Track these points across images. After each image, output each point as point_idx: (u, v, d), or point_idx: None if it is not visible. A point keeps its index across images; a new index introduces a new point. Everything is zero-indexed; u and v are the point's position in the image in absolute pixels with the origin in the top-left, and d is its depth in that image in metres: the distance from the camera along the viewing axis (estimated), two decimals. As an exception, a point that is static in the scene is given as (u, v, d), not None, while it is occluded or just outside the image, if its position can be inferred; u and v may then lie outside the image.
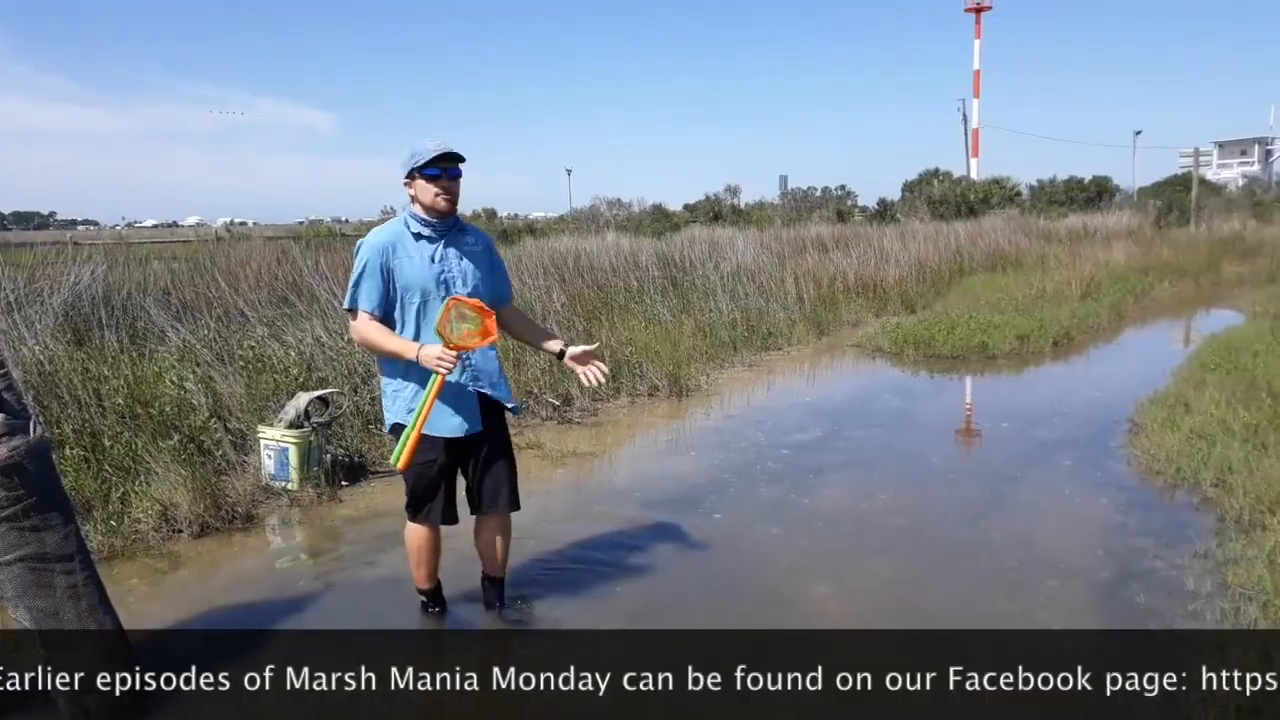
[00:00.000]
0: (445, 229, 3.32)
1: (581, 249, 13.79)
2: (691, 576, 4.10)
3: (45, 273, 8.06)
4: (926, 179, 36.40)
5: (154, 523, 4.53)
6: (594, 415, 7.31)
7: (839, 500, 5.22)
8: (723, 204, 36.15)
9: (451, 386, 3.29)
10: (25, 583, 2.75)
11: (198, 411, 5.52)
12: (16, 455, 2.70)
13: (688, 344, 9.15)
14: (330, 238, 18.58)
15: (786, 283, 12.48)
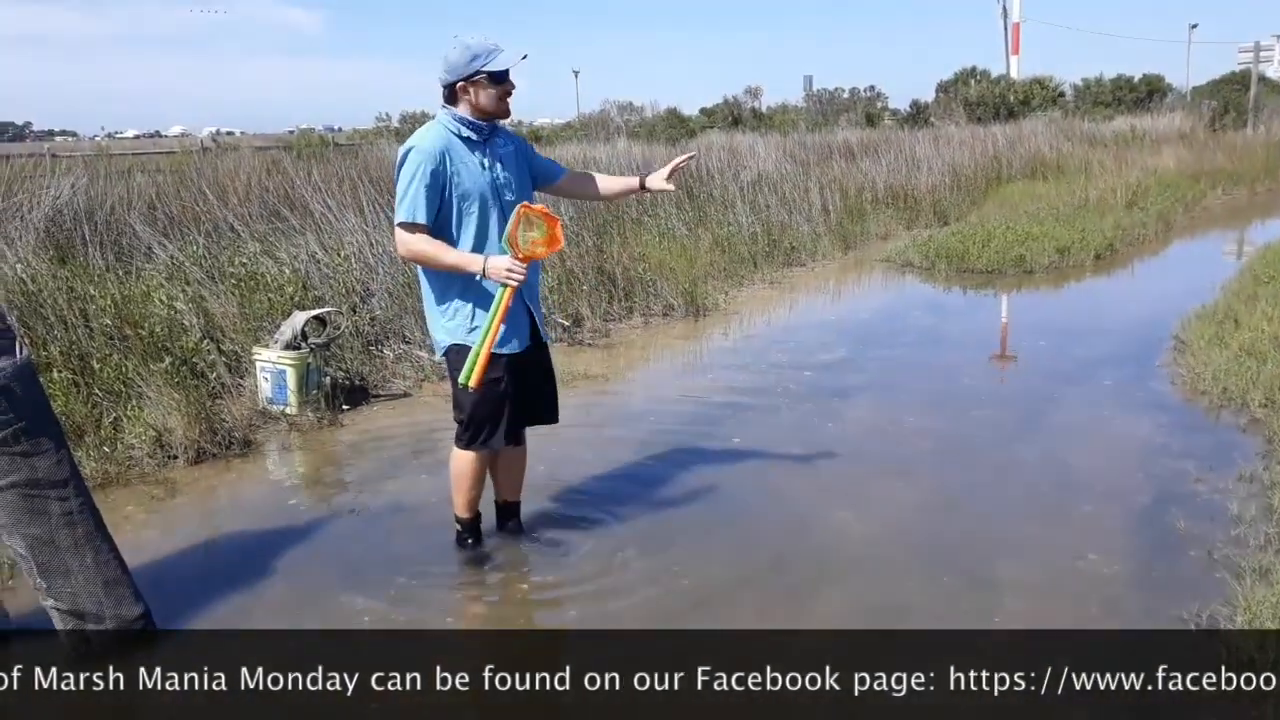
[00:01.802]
0: (489, 132, 3.30)
1: (590, 157, 13.67)
2: (709, 502, 4.15)
3: (23, 187, 8.06)
4: (963, 79, 35.68)
5: (148, 448, 4.60)
6: (605, 336, 7.32)
7: (864, 423, 5.25)
8: (742, 108, 35.62)
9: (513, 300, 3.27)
10: (18, 509, 2.80)
11: (189, 332, 5.56)
12: (3, 378, 2.73)
13: (704, 260, 9.12)
14: (323, 147, 18.43)
15: (811, 193, 12.36)
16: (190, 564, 3.67)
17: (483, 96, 3.22)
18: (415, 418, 5.37)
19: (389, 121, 31.74)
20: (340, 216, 7.72)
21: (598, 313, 7.49)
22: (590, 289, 7.62)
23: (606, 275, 7.88)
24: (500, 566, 3.64)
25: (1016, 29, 45.47)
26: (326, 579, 3.50)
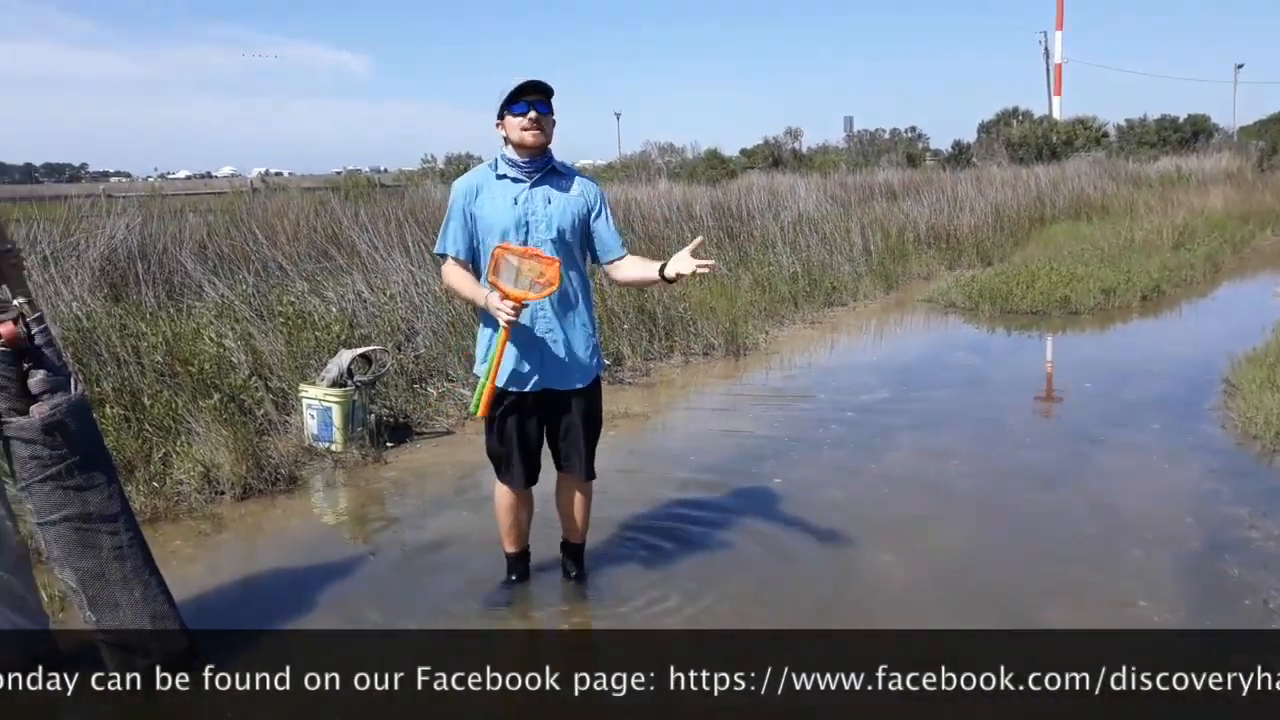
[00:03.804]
0: (536, 169, 3.31)
1: (632, 198, 13.74)
2: (750, 544, 4.13)
3: (80, 226, 8.27)
4: (1004, 119, 35.61)
5: (196, 484, 4.67)
6: (645, 375, 7.34)
7: (907, 464, 5.20)
8: (783, 148, 35.70)
9: (526, 338, 3.32)
10: (70, 543, 2.85)
11: (238, 370, 5.66)
12: (59, 413, 2.80)
13: (745, 299, 9.12)
14: (369, 188, 18.73)
15: (852, 233, 12.34)
16: (235, 598, 3.70)
17: (510, 130, 3.28)
18: (458, 455, 5.40)
19: (434, 163, 32.15)
20: (386, 256, 7.84)
21: (638, 351, 7.52)
22: (631, 328, 7.65)
23: (647, 314, 7.91)
24: (539, 604, 3.64)
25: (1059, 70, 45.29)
26: (368, 614, 3.51)
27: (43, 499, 2.82)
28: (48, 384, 2.81)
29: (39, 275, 6.43)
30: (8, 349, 2.75)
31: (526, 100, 3.22)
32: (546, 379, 3.39)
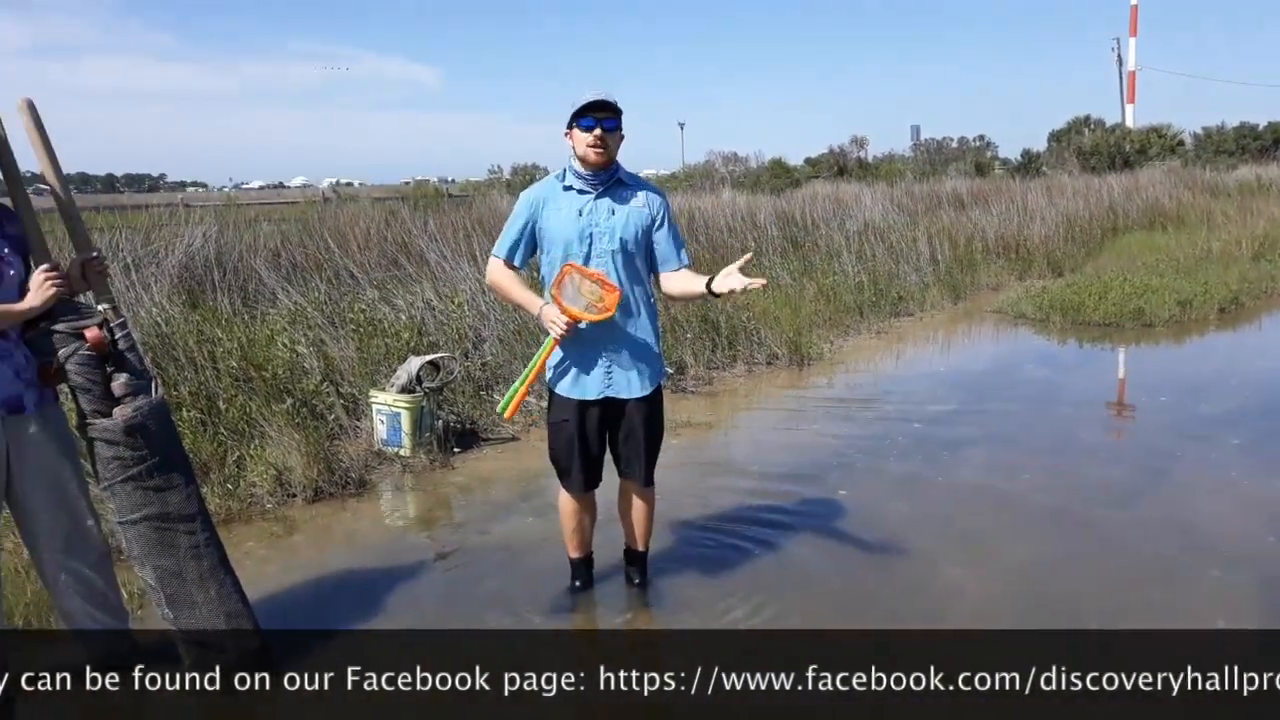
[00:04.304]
0: (601, 182, 3.34)
1: (695, 207, 13.76)
2: (814, 557, 4.09)
3: (160, 235, 8.52)
4: (1076, 128, 34.95)
5: (269, 486, 4.76)
6: (708, 384, 7.32)
7: (976, 478, 5.11)
8: (848, 157, 35.47)
9: (583, 347, 3.37)
10: (150, 541, 2.93)
11: (310, 375, 5.76)
12: (140, 415, 2.87)
13: (809, 309, 9.05)
14: (438, 198, 18.99)
15: (919, 243, 12.19)
16: (306, 599, 3.77)
17: (576, 144, 3.30)
18: (523, 462, 5.44)
19: (501, 173, 32.54)
20: (454, 265, 7.94)
21: (701, 360, 7.50)
22: (694, 337, 7.64)
23: (710, 323, 7.89)
24: (602, 610, 3.64)
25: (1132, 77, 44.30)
26: (435, 617, 3.55)
27: (124, 498, 2.89)
28: (130, 387, 2.88)
29: (121, 282, 6.64)
30: (93, 353, 2.83)
31: (594, 117, 3.25)
32: (608, 387, 3.41)
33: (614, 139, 3.30)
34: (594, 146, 3.26)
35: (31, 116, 2.86)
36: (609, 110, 3.27)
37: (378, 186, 37.25)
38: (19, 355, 2.79)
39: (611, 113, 3.27)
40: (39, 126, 2.86)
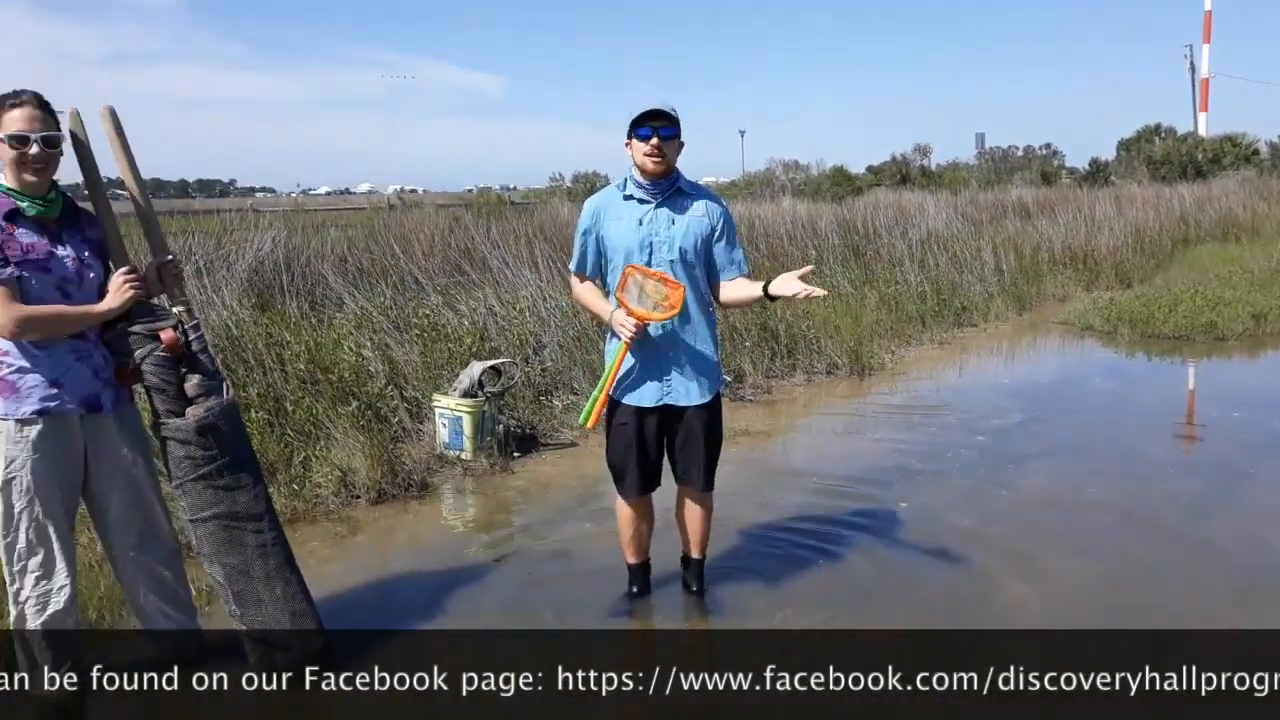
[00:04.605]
0: (660, 191, 3.35)
1: (756, 215, 13.71)
2: (874, 570, 4.03)
3: (230, 239, 8.71)
4: (1146, 136, 34.19)
5: (333, 487, 4.83)
6: (767, 393, 7.27)
7: (1041, 493, 5.00)
8: (911, 165, 35.09)
9: (643, 355, 3.38)
10: (219, 540, 2.99)
11: (375, 379, 5.84)
12: (211, 416, 2.93)
13: (871, 318, 8.96)
14: (500, 205, 19.17)
15: (983, 252, 12.01)
16: (368, 599, 3.81)
17: (635, 154, 3.31)
18: (581, 467, 5.45)
19: (562, 181, 32.72)
20: (516, 272, 8.00)
21: (760, 369, 7.46)
22: (753, 345, 7.60)
23: (769, 331, 7.84)
24: (657, 616, 3.64)
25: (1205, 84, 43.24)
26: (492, 619, 3.57)
27: (195, 497, 2.96)
28: (202, 388, 2.94)
29: (193, 285, 6.79)
30: (167, 354, 2.90)
31: (651, 126, 3.26)
32: (667, 394, 3.42)
33: (672, 148, 3.31)
34: (651, 155, 3.27)
35: (113, 123, 2.94)
36: (666, 119, 3.27)
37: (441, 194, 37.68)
38: (97, 356, 2.86)
39: (668, 121, 3.28)
40: (119, 133, 2.94)
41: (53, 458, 2.79)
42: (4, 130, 2.69)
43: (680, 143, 3.35)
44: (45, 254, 2.76)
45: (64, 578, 2.84)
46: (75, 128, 2.88)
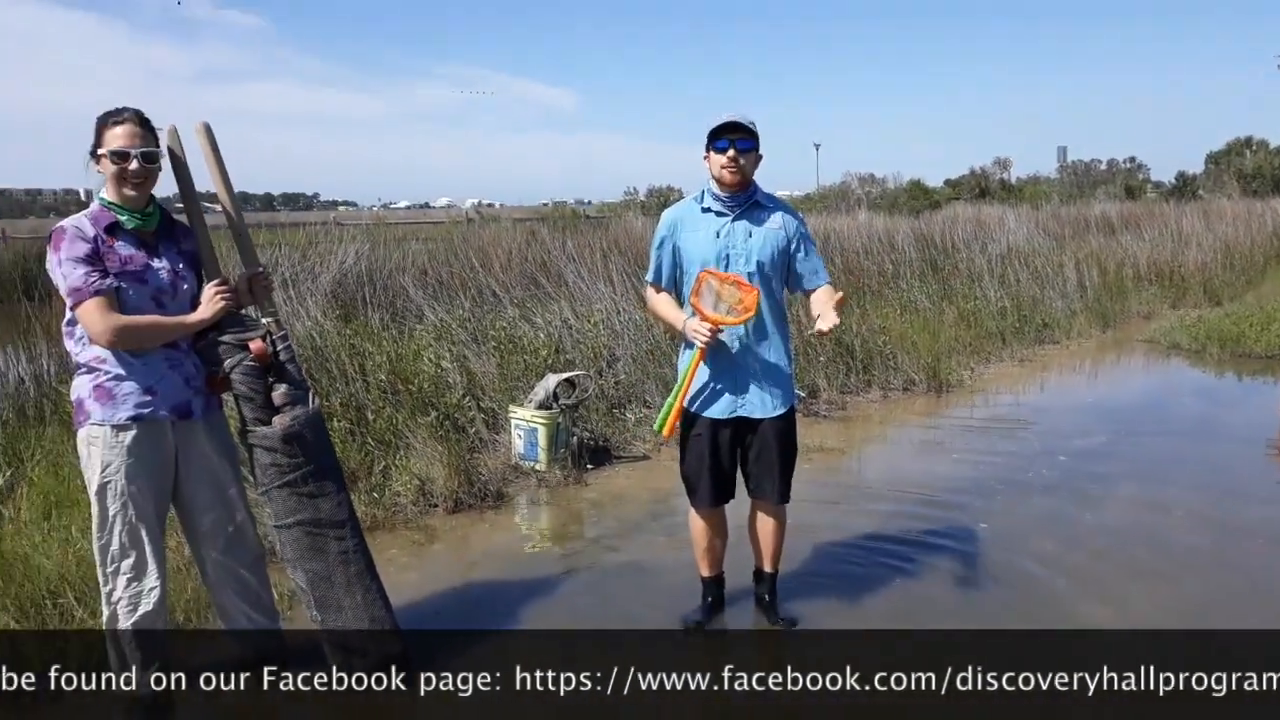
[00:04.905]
0: (738, 204, 3.35)
1: (830, 228, 13.60)
2: (951, 592, 3.94)
3: (314, 251, 8.92)
4: (1236, 149, 33.17)
5: (412, 496, 4.90)
6: (841, 409, 7.19)
7: (1126, 516, 4.85)
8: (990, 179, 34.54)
9: (717, 367, 3.36)
10: (302, 546, 3.04)
11: (453, 389, 5.92)
12: (297, 424, 2.99)
13: (949, 334, 8.81)
14: (575, 219, 19.34)
15: (1065, 268, 11.74)
16: (444, 606, 3.85)
17: (712, 166, 3.32)
18: (654, 481, 5.44)
19: (636, 195, 32.88)
20: (591, 285, 8.04)
21: (835, 384, 7.38)
22: (828, 360, 7.52)
23: (844, 347, 7.75)
24: (728, 627, 3.61)
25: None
26: (564, 628, 3.57)
27: (280, 503, 3.02)
28: (289, 397, 3.01)
29: (280, 296, 6.96)
30: (256, 364, 2.97)
31: (728, 138, 3.26)
32: (740, 407, 3.40)
33: (749, 160, 3.30)
34: (728, 168, 3.27)
35: (208, 139, 3.03)
36: (743, 131, 3.27)
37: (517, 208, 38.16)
38: (189, 364, 2.94)
39: (745, 134, 3.27)
40: (214, 148, 3.03)
41: (146, 463, 2.87)
42: (106, 146, 2.80)
43: (758, 155, 3.34)
44: (142, 265, 2.85)
45: (154, 580, 2.91)
46: (172, 143, 2.97)
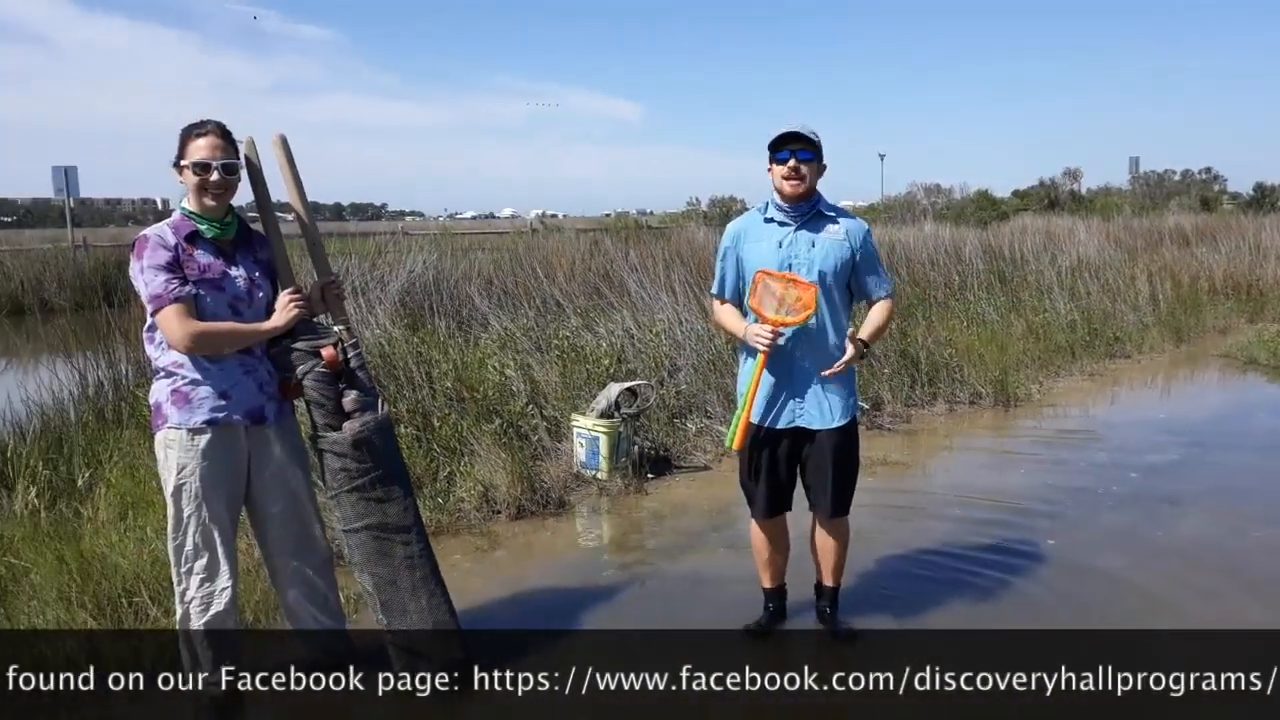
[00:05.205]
0: (800, 214, 3.34)
1: (896, 239, 13.47)
2: (1018, 611, 3.85)
3: (384, 260, 9.08)
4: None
5: (475, 502, 4.95)
6: (906, 421, 7.09)
7: (1200, 535, 4.71)
8: (1060, 190, 33.94)
9: (782, 375, 3.35)
10: (370, 550, 3.09)
11: (517, 397, 5.97)
12: (367, 430, 3.04)
13: (1017, 347, 8.65)
14: (637, 229, 19.41)
15: (1137, 281, 11.48)
16: (506, 611, 3.88)
17: (774, 177, 3.32)
18: (714, 491, 5.43)
19: (698, 205, 32.90)
20: (654, 295, 8.06)
21: (899, 397, 7.28)
22: (892, 372, 7.43)
23: (910, 359, 7.66)
24: (788, 640, 3.59)
25: (1388, 104, 40.31)
26: (625, 636, 3.58)
27: (349, 508, 3.07)
28: (359, 403, 3.06)
29: (349, 304, 7.08)
30: (327, 370, 3.03)
31: (789, 149, 3.26)
32: (799, 417, 3.38)
33: (811, 170, 3.29)
34: (789, 178, 3.27)
35: (284, 150, 3.09)
36: (804, 142, 3.27)
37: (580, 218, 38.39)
38: (263, 370, 3.01)
39: (807, 144, 3.27)
40: (290, 160, 3.10)
41: (220, 466, 2.93)
42: (189, 158, 2.88)
43: (820, 166, 3.33)
44: (220, 273, 2.93)
45: (226, 580, 2.97)
46: (250, 154, 3.04)
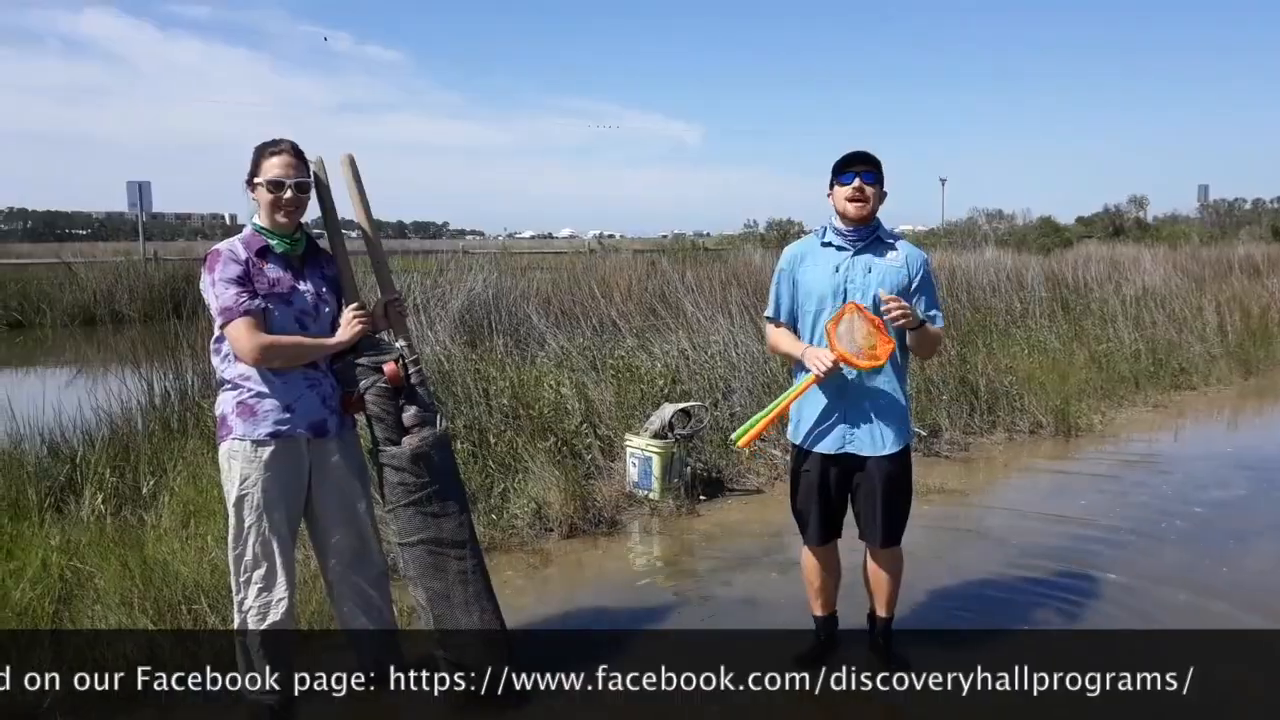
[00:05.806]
0: (860, 238, 3.32)
1: (956, 265, 13.32)
2: (1078, 645, 3.77)
3: (444, 278, 9.21)
4: (1398, 189, 31.13)
5: (528, 519, 4.98)
6: (964, 450, 6.99)
7: (1268, 573, 4.58)
8: (1125, 217, 33.34)
9: (828, 401, 3.31)
10: (424, 564, 3.12)
11: (572, 416, 6.00)
12: (426, 445, 3.08)
13: (1079, 377, 8.49)
14: (694, 251, 19.44)
15: (1205, 311, 11.21)
16: (556, 629, 3.89)
17: (836, 200, 3.30)
18: (767, 515, 5.39)
19: (756, 227, 32.85)
20: (709, 316, 8.06)
21: (957, 424, 7.19)
22: (950, 399, 7.34)
23: (969, 386, 7.55)
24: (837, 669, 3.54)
25: None
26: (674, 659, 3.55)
27: (405, 522, 3.11)
28: (418, 419, 3.10)
29: (411, 321, 7.19)
30: (388, 386, 3.07)
31: (854, 171, 3.25)
32: (849, 443, 3.34)
33: (874, 193, 3.27)
34: (853, 200, 3.25)
35: (351, 170, 3.16)
36: (868, 163, 3.26)
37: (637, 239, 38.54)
38: (326, 384, 3.06)
39: (870, 166, 3.26)
40: (357, 179, 3.17)
41: (281, 477, 2.99)
42: (263, 175, 2.95)
43: (883, 191, 3.32)
44: (288, 288, 2.99)
45: (283, 590, 3.02)
46: (319, 172, 3.11)
